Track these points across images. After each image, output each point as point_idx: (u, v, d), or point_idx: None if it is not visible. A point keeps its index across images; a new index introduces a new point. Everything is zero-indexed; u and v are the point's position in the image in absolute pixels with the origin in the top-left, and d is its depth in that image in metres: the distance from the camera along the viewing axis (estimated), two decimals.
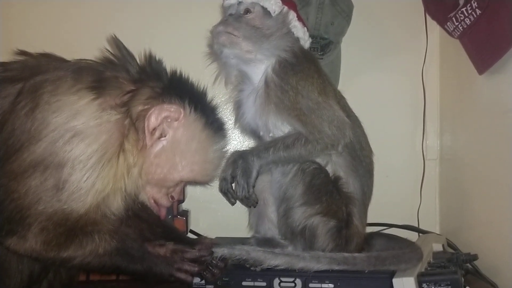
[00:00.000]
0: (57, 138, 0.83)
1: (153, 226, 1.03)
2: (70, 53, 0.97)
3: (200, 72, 1.04)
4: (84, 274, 1.15)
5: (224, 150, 1.02)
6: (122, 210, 0.91)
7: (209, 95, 1.02)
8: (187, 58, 1.03)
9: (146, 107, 0.90)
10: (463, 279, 0.96)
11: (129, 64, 0.92)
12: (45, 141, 0.83)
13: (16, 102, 0.84)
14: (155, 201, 0.97)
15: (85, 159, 0.83)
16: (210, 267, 0.99)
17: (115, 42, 0.94)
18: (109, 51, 0.93)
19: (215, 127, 0.98)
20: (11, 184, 0.82)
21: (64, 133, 0.83)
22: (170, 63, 1.00)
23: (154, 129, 0.91)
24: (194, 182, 1.02)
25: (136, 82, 0.91)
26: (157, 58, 0.96)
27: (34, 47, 0.96)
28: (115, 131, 0.86)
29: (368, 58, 1.51)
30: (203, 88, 1.01)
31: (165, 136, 0.93)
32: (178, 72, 0.97)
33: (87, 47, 0.96)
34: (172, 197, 0.99)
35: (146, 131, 0.90)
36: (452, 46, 1.39)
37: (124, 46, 0.94)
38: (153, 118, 0.90)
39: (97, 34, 0.99)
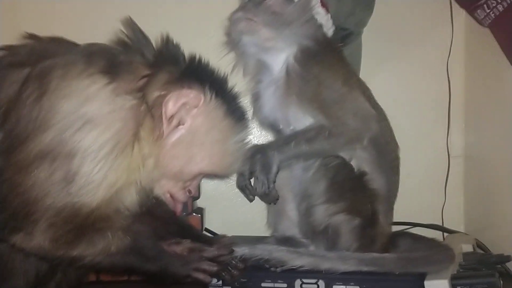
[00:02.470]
0: (66, 127, 0.77)
1: (168, 223, 0.97)
2: (79, 38, 0.91)
3: (216, 63, 0.97)
4: (94, 275, 1.11)
5: (246, 141, 0.94)
6: (136, 206, 0.85)
7: (230, 82, 0.95)
8: (203, 47, 0.97)
9: (163, 92, 0.84)
10: (501, 282, 0.89)
11: (144, 47, 0.86)
12: (53, 130, 0.76)
13: (23, 89, 0.78)
14: (171, 196, 0.91)
15: (96, 149, 0.77)
16: (229, 268, 0.92)
17: (130, 24, 0.87)
18: (123, 33, 0.87)
19: (237, 116, 0.91)
20: (16, 177, 0.76)
21: (74, 120, 0.77)
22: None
23: (172, 116, 0.84)
24: (213, 175, 0.95)
25: (152, 66, 0.85)
26: (174, 42, 0.89)
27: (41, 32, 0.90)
28: (130, 118, 0.80)
29: (390, 49, 1.44)
30: (224, 74, 0.94)
31: (183, 125, 0.86)
32: (197, 56, 0.90)
33: (99, 32, 0.89)
34: (190, 191, 0.92)
35: (164, 118, 0.83)
36: (479, 37, 1.33)
37: (139, 28, 0.88)
38: (171, 105, 0.84)
39: (109, 18, 0.93)
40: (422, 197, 1.42)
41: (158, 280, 0.87)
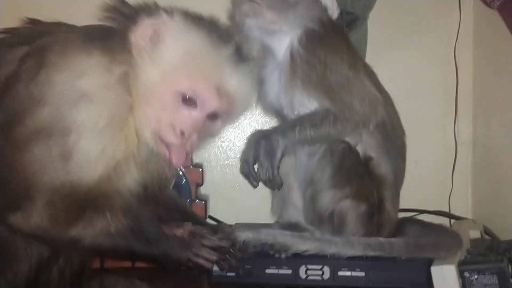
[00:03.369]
0: (61, 101, 0.76)
1: (171, 210, 0.96)
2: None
3: None
4: (98, 261, 1.10)
5: (222, 52, 0.85)
6: (137, 186, 0.84)
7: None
8: None
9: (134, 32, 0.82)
10: (510, 268, 0.88)
11: (124, 8, 0.84)
12: (49, 105, 0.76)
13: (21, 64, 0.78)
14: (161, 139, 0.83)
15: (93, 123, 0.76)
16: (228, 257, 0.91)
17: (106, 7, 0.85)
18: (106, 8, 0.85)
19: (202, 25, 0.86)
20: (13, 154, 0.75)
21: (69, 94, 0.76)
22: None
23: (142, 47, 0.81)
24: (193, 98, 0.83)
25: (133, 21, 0.83)
26: None
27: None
28: (123, 90, 0.79)
29: (396, 34, 1.42)
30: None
31: (155, 44, 0.82)
32: None
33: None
34: (182, 132, 0.82)
35: (134, 51, 0.81)
36: (488, 21, 1.30)
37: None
38: (138, 37, 0.81)
39: None
40: (430, 184, 1.40)
41: (160, 264, 0.86)
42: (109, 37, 0.82)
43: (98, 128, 0.77)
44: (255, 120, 1.41)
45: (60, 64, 0.77)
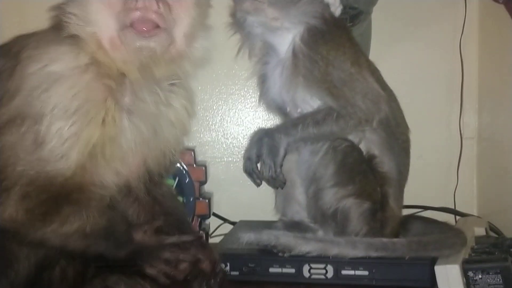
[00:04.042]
0: (34, 87, 0.75)
1: (167, 213, 0.95)
2: None
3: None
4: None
5: None
6: (115, 178, 0.82)
7: None
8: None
9: None
10: None
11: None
12: (22, 93, 0.75)
13: (1, 70, 0.79)
14: (125, 27, 0.79)
15: (66, 105, 0.75)
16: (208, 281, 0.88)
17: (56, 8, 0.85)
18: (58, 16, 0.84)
19: None
20: None
21: (41, 80, 0.76)
22: None
23: None
24: None
25: None
26: None
27: None
28: (98, 71, 0.78)
29: (401, 28, 1.41)
30: None
31: None
32: None
33: None
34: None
35: None
36: (493, 14, 1.28)
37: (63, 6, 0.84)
38: None
39: None
40: (434, 180, 1.39)
41: (122, 268, 0.85)
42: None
43: (71, 110, 0.76)
44: (258, 116, 1.41)
45: (34, 56, 0.78)
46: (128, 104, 0.83)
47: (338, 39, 1.00)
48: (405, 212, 1.20)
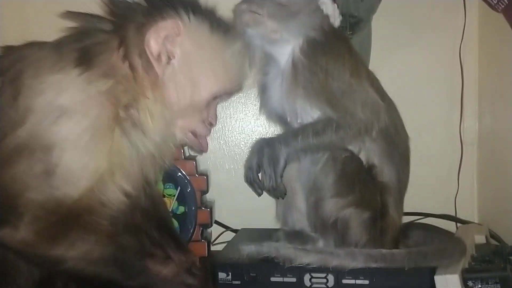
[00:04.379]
0: (42, 120, 0.76)
1: (160, 217, 0.96)
2: None
3: None
4: None
5: (242, 51, 0.91)
6: (124, 197, 0.83)
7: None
8: None
9: (139, 39, 0.81)
10: None
11: (98, 23, 0.84)
12: (29, 124, 0.76)
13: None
14: (193, 133, 0.87)
15: (75, 138, 0.76)
16: None
17: (70, 15, 0.85)
18: (72, 27, 0.85)
19: (223, 28, 0.87)
20: None
21: (49, 113, 0.76)
22: None
23: (159, 54, 0.82)
24: (226, 93, 0.91)
25: (117, 32, 0.82)
26: None
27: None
28: (106, 102, 0.78)
29: (401, 35, 1.41)
30: None
31: (173, 57, 0.83)
32: None
33: None
34: (210, 123, 0.89)
35: (152, 60, 0.81)
36: (493, 22, 1.29)
37: (81, 13, 0.85)
38: (153, 43, 0.81)
39: None
40: (435, 186, 1.39)
41: None
42: (84, 50, 0.81)
43: (82, 142, 0.77)
44: (259, 124, 1.42)
45: (37, 87, 0.77)
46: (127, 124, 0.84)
47: (337, 50, 1.01)
48: (406, 219, 1.21)
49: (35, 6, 1.36)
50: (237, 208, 1.40)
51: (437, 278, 0.89)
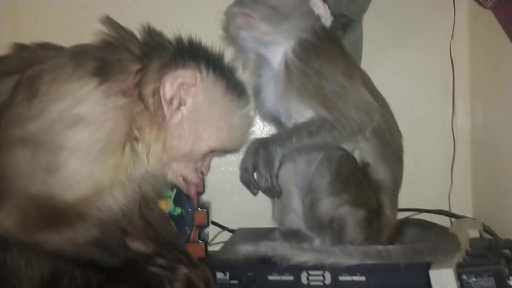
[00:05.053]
0: (56, 121, 0.76)
1: (159, 234, 0.96)
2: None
3: None
4: None
5: (250, 114, 0.93)
6: (116, 209, 0.84)
7: (226, 57, 0.93)
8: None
9: (158, 78, 0.83)
10: (507, 270, 0.89)
11: (129, 43, 0.85)
12: (42, 121, 0.76)
13: (14, 96, 0.79)
14: (184, 179, 0.89)
15: (88, 146, 0.77)
16: None
17: (109, 22, 0.86)
18: (105, 33, 0.86)
19: (238, 90, 0.89)
20: None
21: (65, 118, 0.77)
22: None
23: (171, 98, 0.83)
24: (223, 151, 0.94)
25: (142, 59, 0.84)
26: (156, 30, 0.88)
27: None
28: (122, 119, 0.79)
29: (392, 34, 1.43)
30: (219, 50, 0.91)
31: (184, 105, 0.84)
32: (185, 36, 0.88)
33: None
34: (202, 172, 0.91)
35: (163, 102, 0.82)
36: (483, 19, 1.30)
37: (119, 25, 0.86)
38: (168, 87, 0.82)
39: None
40: (429, 183, 1.41)
41: (118, 276, 0.86)
42: (104, 63, 0.82)
43: (93, 151, 0.77)
44: (254, 125, 1.42)
45: (53, 93, 0.78)
46: None
47: (330, 52, 1.02)
48: (401, 214, 1.23)
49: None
50: (234, 208, 1.41)
51: (432, 273, 0.91)
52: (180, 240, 1.09)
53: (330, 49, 1.03)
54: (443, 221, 1.31)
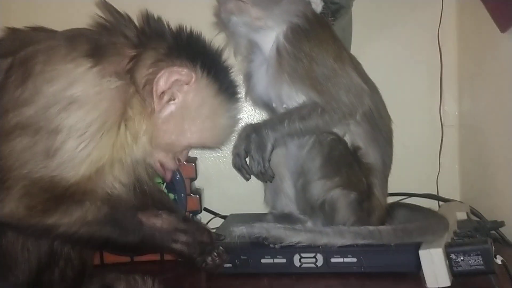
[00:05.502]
0: (51, 104, 0.77)
1: (157, 203, 0.98)
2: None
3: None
4: (98, 258, 1.13)
5: (237, 117, 0.95)
6: (121, 186, 0.86)
7: (223, 55, 0.94)
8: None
9: (152, 70, 0.84)
10: (493, 248, 0.91)
11: (125, 28, 0.86)
12: (37, 105, 0.77)
13: (7, 77, 0.79)
14: (161, 165, 0.91)
15: (83, 127, 0.78)
16: (214, 255, 0.93)
17: (106, 6, 0.86)
18: (101, 17, 0.86)
19: (229, 92, 0.91)
20: None
21: (60, 100, 0.77)
22: None
23: (163, 92, 0.85)
24: (203, 147, 0.97)
25: (137, 46, 0.85)
26: (155, 17, 0.88)
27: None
28: (117, 99, 0.80)
29: (380, 20, 1.44)
30: (217, 48, 0.92)
31: (174, 100, 0.86)
32: (186, 29, 0.89)
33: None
34: (179, 160, 0.93)
35: (155, 95, 0.84)
36: (470, 4, 1.32)
37: (115, 9, 0.87)
38: (162, 82, 0.84)
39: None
40: (418, 167, 1.43)
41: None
42: (98, 45, 0.82)
43: (87, 134, 0.78)
44: (245, 111, 1.43)
45: (47, 73, 0.78)
46: None
47: (320, 37, 1.03)
48: (391, 199, 1.25)
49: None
50: (225, 195, 1.42)
51: (422, 253, 0.93)
52: (177, 208, 1.10)
53: (320, 34, 1.04)
54: (432, 204, 1.33)
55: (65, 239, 0.83)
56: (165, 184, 1.21)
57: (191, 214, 1.24)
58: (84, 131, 0.78)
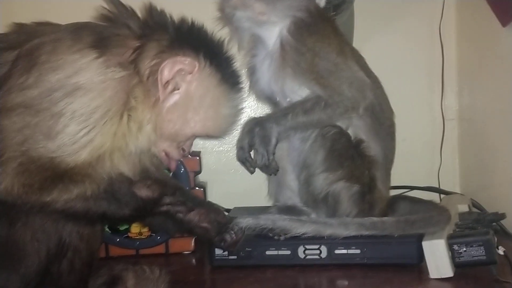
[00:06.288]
0: (56, 88, 0.78)
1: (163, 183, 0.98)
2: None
3: None
4: (104, 251, 1.14)
5: (240, 107, 0.96)
6: (120, 175, 0.87)
7: (226, 45, 0.95)
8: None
9: (155, 61, 0.85)
10: (495, 239, 0.93)
11: (129, 20, 0.87)
12: (42, 89, 0.78)
13: (13, 67, 0.80)
14: (166, 154, 0.92)
15: (87, 113, 0.79)
16: (231, 233, 0.95)
17: None
18: (105, 8, 0.88)
19: (231, 82, 0.92)
20: None
21: (65, 85, 0.78)
22: None
23: (167, 82, 0.86)
24: (207, 136, 0.97)
25: (140, 37, 0.86)
26: (158, 9, 0.89)
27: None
28: (120, 88, 0.82)
29: (382, 15, 1.45)
30: (219, 39, 0.93)
31: (178, 89, 0.87)
32: (188, 20, 0.90)
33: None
34: (183, 150, 0.94)
35: (160, 85, 0.85)
36: (471, 0, 1.33)
37: (119, 1, 0.88)
38: (166, 71, 0.85)
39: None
40: (419, 161, 1.45)
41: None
42: (102, 36, 0.83)
43: (90, 120, 0.79)
44: (248, 105, 1.44)
45: (52, 63, 0.79)
46: None
47: (323, 31, 1.04)
48: (393, 192, 1.26)
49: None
50: (228, 188, 1.43)
51: (425, 244, 0.94)
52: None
53: (323, 28, 1.05)
54: (433, 197, 1.34)
55: (61, 214, 0.84)
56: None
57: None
58: (88, 117, 0.79)
